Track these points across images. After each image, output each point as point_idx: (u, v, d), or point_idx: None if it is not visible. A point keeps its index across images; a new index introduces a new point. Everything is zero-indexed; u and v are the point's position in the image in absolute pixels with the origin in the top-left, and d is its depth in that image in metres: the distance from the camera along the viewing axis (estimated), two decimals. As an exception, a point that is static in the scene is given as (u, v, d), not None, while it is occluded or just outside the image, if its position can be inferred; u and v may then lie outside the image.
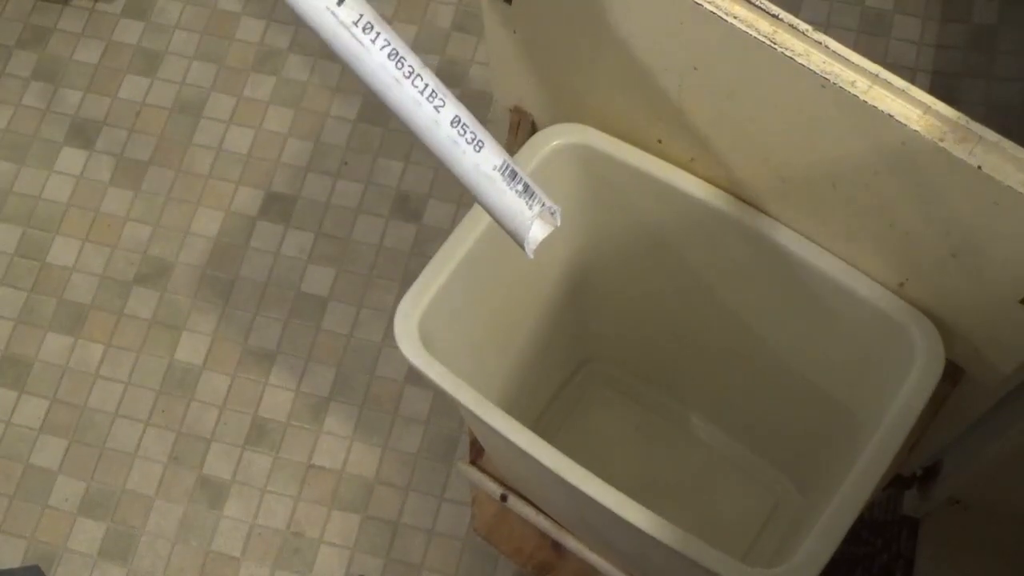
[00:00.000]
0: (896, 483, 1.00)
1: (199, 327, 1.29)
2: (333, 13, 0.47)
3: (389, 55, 0.48)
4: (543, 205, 0.52)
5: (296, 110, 1.40)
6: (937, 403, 0.80)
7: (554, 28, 0.77)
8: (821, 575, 0.66)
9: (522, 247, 0.53)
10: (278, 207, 1.34)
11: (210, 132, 1.39)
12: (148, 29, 1.45)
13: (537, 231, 0.53)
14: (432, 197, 1.34)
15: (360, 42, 0.47)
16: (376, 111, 1.39)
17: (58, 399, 1.26)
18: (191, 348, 1.28)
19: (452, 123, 0.50)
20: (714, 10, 0.64)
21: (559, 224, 0.53)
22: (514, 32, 0.80)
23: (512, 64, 0.84)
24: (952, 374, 0.77)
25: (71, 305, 1.31)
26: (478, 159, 0.51)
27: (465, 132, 0.50)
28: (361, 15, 0.47)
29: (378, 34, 0.48)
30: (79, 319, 1.30)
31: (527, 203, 0.52)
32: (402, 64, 0.48)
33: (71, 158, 1.38)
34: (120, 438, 1.24)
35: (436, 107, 0.49)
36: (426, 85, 0.49)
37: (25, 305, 1.31)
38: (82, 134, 1.40)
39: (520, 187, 0.52)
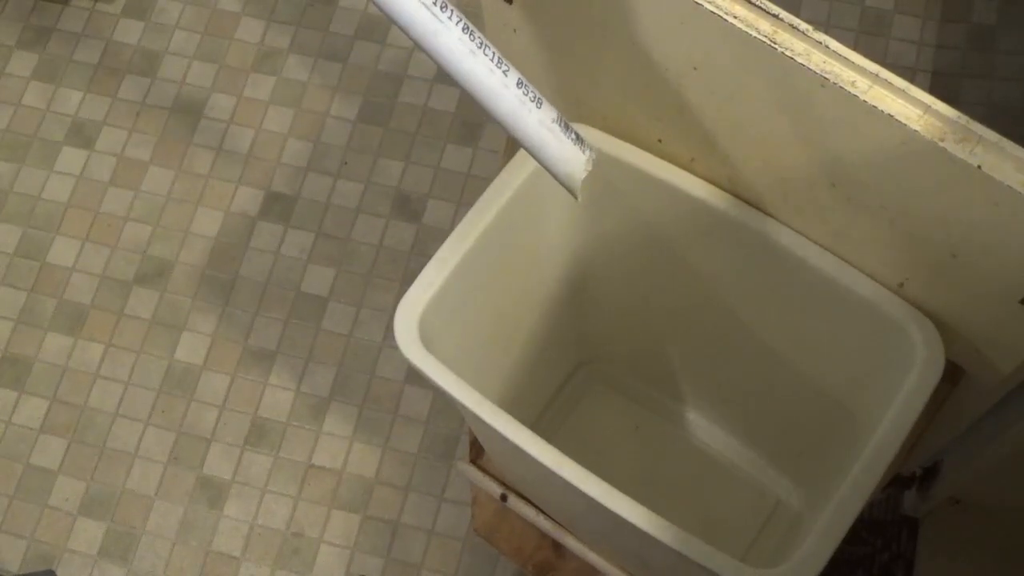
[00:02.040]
0: (896, 483, 1.00)
1: (199, 327, 1.29)
2: None
3: (463, 29, 0.53)
4: (589, 150, 0.59)
5: (296, 110, 1.40)
6: (937, 403, 0.80)
7: (554, 28, 0.77)
8: (821, 575, 0.66)
9: (573, 191, 0.59)
10: (278, 207, 1.35)
11: (210, 132, 1.39)
12: (148, 29, 1.45)
13: (584, 176, 0.59)
14: (432, 197, 1.34)
15: (439, 19, 0.52)
16: (376, 111, 1.39)
17: (58, 399, 1.26)
18: (191, 348, 1.28)
19: (518, 85, 0.55)
20: (714, 10, 0.64)
21: (592, 168, 0.60)
22: (514, 32, 0.80)
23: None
24: (952, 374, 0.77)
25: (71, 305, 1.31)
26: (540, 115, 0.56)
27: (528, 92, 0.56)
28: None
29: (452, 11, 0.52)
30: (79, 319, 1.30)
31: (581, 149, 0.59)
32: (474, 36, 0.53)
33: (71, 158, 1.38)
34: (120, 438, 1.24)
35: (504, 72, 0.54)
36: (494, 53, 0.54)
37: (25, 305, 1.31)
38: (82, 134, 1.40)
39: (573, 136, 0.58)
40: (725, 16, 0.64)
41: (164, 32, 1.45)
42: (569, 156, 0.58)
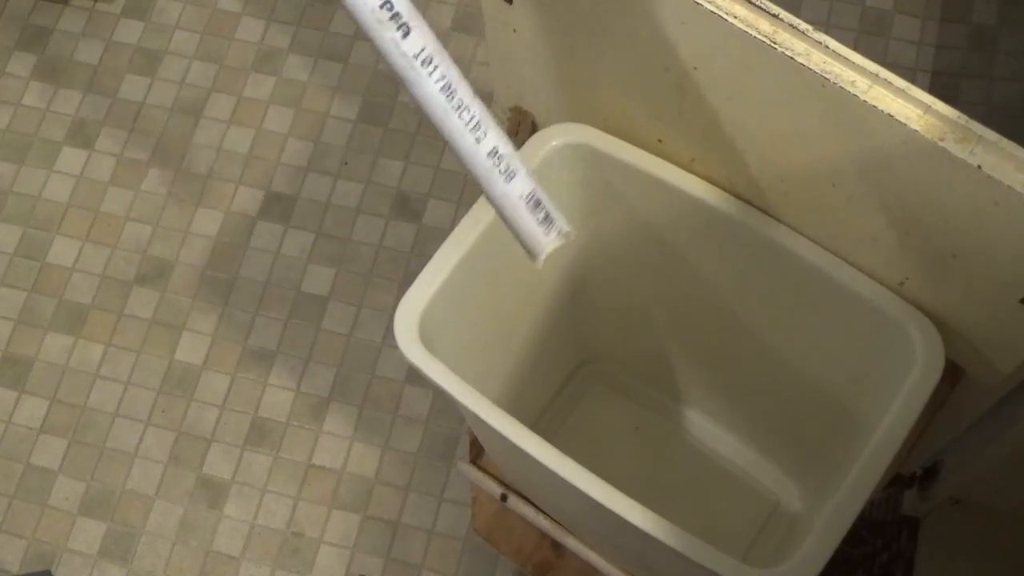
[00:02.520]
0: (896, 483, 1.00)
1: (199, 327, 1.29)
2: (396, 44, 0.51)
3: (442, 88, 0.52)
4: (559, 232, 0.59)
5: (296, 110, 1.40)
6: (937, 403, 0.80)
7: (554, 28, 0.77)
8: (821, 575, 0.66)
9: (532, 261, 0.59)
10: (278, 207, 1.35)
11: (210, 132, 1.39)
12: (148, 29, 1.45)
13: (545, 253, 0.59)
14: (432, 197, 1.34)
15: (417, 72, 0.51)
16: (376, 111, 1.39)
17: (58, 399, 1.26)
18: (191, 348, 1.28)
19: (489, 154, 0.55)
20: (714, 10, 0.64)
21: (570, 240, 0.59)
22: (514, 32, 0.80)
23: (512, 64, 0.84)
24: (952, 374, 0.77)
25: (71, 305, 1.31)
26: (507, 188, 0.56)
27: (500, 163, 0.55)
28: (423, 48, 0.51)
29: (435, 67, 0.52)
30: (79, 319, 1.30)
31: (544, 231, 0.58)
32: (452, 96, 0.53)
33: (71, 158, 1.38)
34: (120, 438, 1.24)
35: (477, 139, 0.54)
36: (472, 117, 0.54)
37: (25, 305, 1.31)
38: (82, 134, 1.40)
39: (541, 215, 0.58)
40: (725, 16, 0.64)
41: (164, 32, 1.45)
42: (530, 235, 0.58)
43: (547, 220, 0.58)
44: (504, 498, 1.00)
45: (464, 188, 1.34)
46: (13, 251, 1.34)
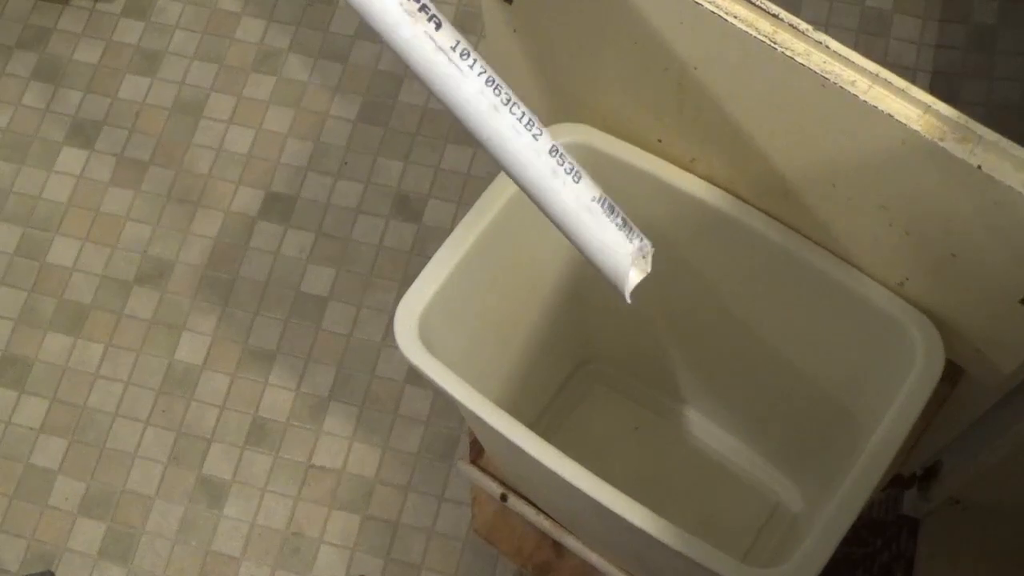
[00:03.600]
0: (896, 483, 1.00)
1: (199, 327, 1.29)
2: (431, 37, 0.45)
3: (487, 81, 0.46)
4: (641, 240, 0.50)
5: (296, 110, 1.40)
6: (937, 403, 0.80)
7: (554, 28, 0.77)
8: (821, 575, 0.66)
9: (619, 289, 0.50)
10: (278, 207, 1.35)
11: (210, 132, 1.39)
12: (148, 29, 1.45)
13: (633, 273, 0.50)
14: (432, 197, 1.34)
15: (459, 67, 0.45)
16: (376, 111, 1.39)
17: (58, 399, 1.26)
18: (191, 348, 1.28)
19: (551, 152, 0.47)
20: (714, 10, 0.64)
21: (649, 270, 0.50)
22: (514, 32, 0.80)
23: (512, 64, 0.84)
24: (952, 374, 0.77)
25: (71, 305, 1.31)
26: (578, 190, 0.48)
27: (564, 162, 0.48)
28: (458, 41, 0.45)
29: (475, 60, 0.46)
30: (79, 319, 1.30)
31: (627, 236, 0.50)
32: (499, 91, 0.46)
33: (71, 158, 1.38)
34: (120, 438, 1.24)
35: (534, 135, 0.47)
36: (523, 113, 0.47)
37: (25, 305, 1.31)
38: (82, 134, 1.40)
39: (619, 220, 0.49)
40: (725, 16, 0.64)
41: (164, 32, 1.45)
42: (612, 245, 0.49)
43: (627, 226, 0.50)
44: (504, 498, 1.00)
45: (464, 188, 1.34)
46: (13, 251, 1.34)
